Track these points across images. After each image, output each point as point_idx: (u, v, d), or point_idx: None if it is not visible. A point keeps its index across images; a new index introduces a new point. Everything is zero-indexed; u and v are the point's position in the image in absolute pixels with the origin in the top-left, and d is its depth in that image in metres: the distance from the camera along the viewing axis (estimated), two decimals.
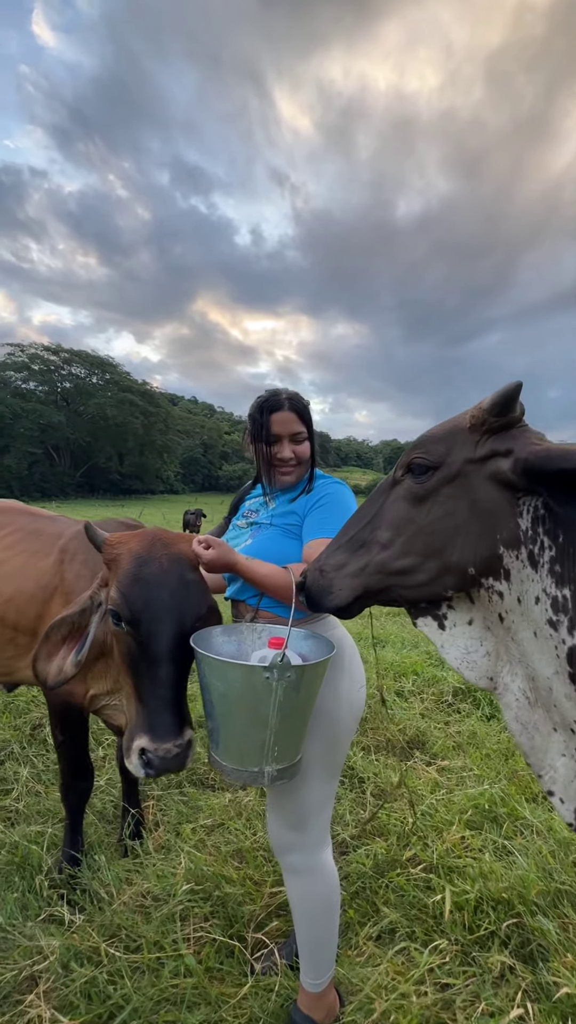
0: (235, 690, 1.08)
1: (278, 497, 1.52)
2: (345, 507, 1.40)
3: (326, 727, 1.31)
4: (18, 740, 2.81)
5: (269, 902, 1.79)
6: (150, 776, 1.20)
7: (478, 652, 0.93)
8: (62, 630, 1.41)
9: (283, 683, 1.04)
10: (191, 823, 2.16)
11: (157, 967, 1.51)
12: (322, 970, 1.39)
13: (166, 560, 1.33)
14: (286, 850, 1.36)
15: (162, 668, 1.25)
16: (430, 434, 0.94)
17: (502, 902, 1.72)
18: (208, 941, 1.61)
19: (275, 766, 1.12)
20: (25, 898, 1.78)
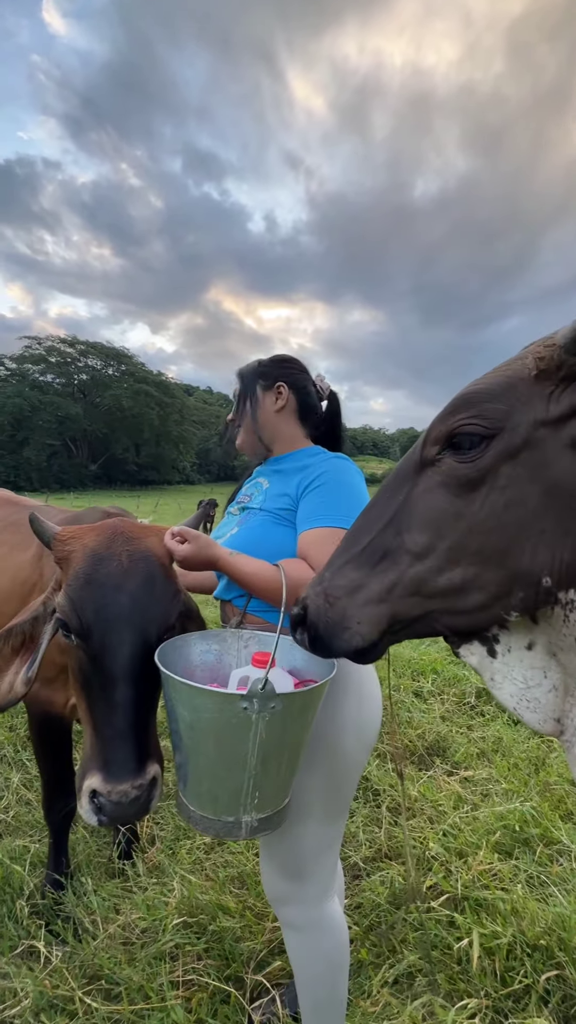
0: (205, 721, 0.85)
1: (261, 473, 1.29)
2: (348, 487, 1.15)
3: (326, 758, 1.08)
4: (11, 743, 2.66)
5: (271, 937, 1.59)
6: (103, 824, 0.97)
7: (542, 687, 0.68)
8: (12, 641, 1.20)
9: (265, 715, 0.81)
10: (189, 839, 1.97)
11: (139, 1020, 1.32)
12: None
13: (127, 558, 1.10)
14: (283, 902, 1.14)
15: (119, 691, 1.01)
16: (477, 389, 0.66)
17: (539, 948, 1.49)
18: (200, 986, 1.42)
19: (255, 815, 0.89)
20: (3, 925, 1.61)
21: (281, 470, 1.24)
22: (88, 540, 1.17)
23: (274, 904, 1.17)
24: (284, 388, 1.27)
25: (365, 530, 0.73)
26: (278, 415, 1.28)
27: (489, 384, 0.66)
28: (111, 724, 1.01)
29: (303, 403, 1.29)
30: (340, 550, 0.74)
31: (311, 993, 1.17)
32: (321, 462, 1.18)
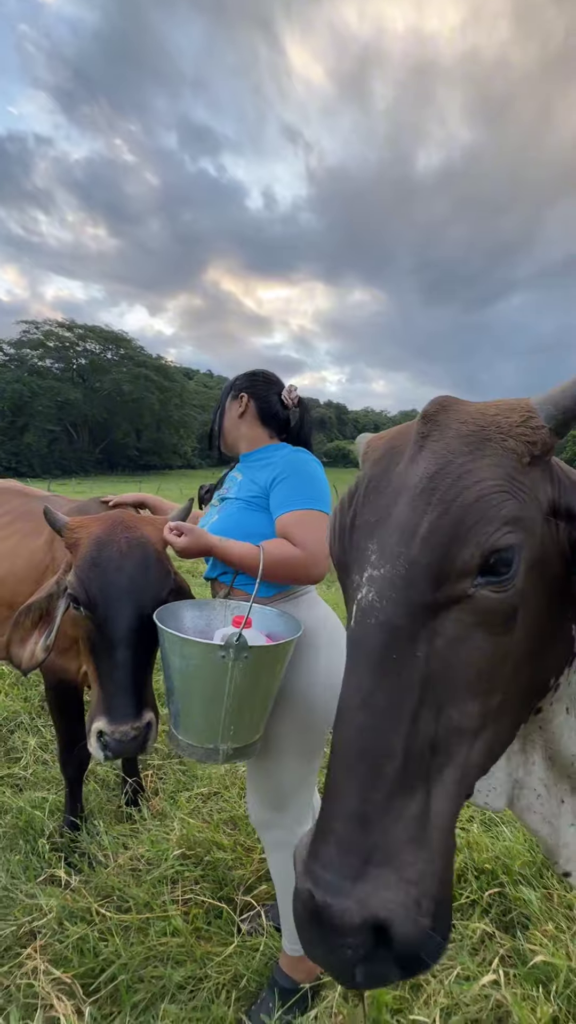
0: (192, 667, 1.07)
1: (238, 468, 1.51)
2: (310, 474, 1.36)
3: (299, 710, 1.30)
4: (27, 711, 2.93)
5: (259, 867, 1.85)
6: (108, 759, 1.22)
7: (499, 774, 0.75)
8: (32, 615, 1.43)
9: (239, 663, 1.03)
10: (188, 791, 2.23)
11: (145, 927, 1.58)
12: None
13: (125, 544, 1.33)
14: (267, 827, 1.39)
15: (119, 651, 1.25)
16: (483, 491, 0.52)
17: (486, 872, 1.75)
18: (197, 903, 1.68)
19: (231, 744, 1.12)
20: (28, 859, 1.87)
21: (250, 464, 1.46)
22: (94, 528, 1.39)
23: (259, 829, 1.42)
24: (245, 396, 1.50)
25: (379, 747, 0.51)
26: (240, 419, 1.51)
27: (494, 482, 0.53)
28: (113, 678, 1.25)
29: (263, 409, 1.50)
30: (360, 808, 0.50)
31: (290, 903, 1.42)
32: (283, 457, 1.39)
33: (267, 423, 1.51)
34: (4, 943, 1.55)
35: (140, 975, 1.45)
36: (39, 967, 1.45)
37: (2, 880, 1.75)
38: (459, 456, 0.54)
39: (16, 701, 3.03)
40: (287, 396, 1.51)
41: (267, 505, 1.36)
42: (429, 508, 0.53)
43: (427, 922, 0.48)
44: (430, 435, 0.58)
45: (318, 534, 1.28)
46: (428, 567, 0.52)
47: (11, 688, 3.20)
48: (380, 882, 0.48)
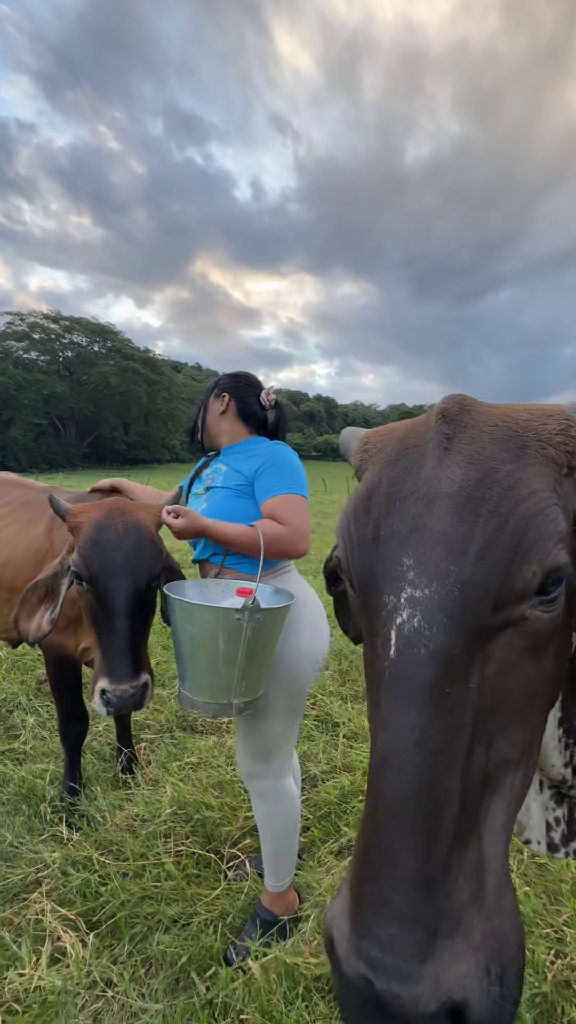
0: (206, 631, 1.23)
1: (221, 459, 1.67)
2: (290, 463, 1.54)
3: (286, 675, 1.48)
4: (25, 693, 3.07)
5: (243, 824, 2.03)
6: (110, 713, 1.40)
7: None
8: (38, 591, 1.59)
9: (252, 624, 1.20)
10: (178, 761, 2.41)
11: (141, 872, 1.76)
12: (282, 874, 1.62)
13: (122, 526, 1.50)
14: (254, 777, 1.56)
15: (118, 621, 1.43)
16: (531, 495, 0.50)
17: None
18: (187, 854, 1.86)
19: (242, 698, 1.29)
20: (31, 821, 2.03)
21: (233, 456, 1.63)
22: (93, 513, 1.56)
23: (246, 779, 1.59)
24: (227, 396, 1.67)
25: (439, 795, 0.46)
26: (222, 416, 1.68)
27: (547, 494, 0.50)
28: (113, 644, 1.42)
29: (242, 409, 1.67)
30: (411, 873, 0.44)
31: (272, 845, 1.60)
32: (265, 449, 1.57)
33: (246, 421, 1.68)
34: (13, 890, 1.72)
35: (137, 912, 1.63)
36: (46, 907, 1.62)
37: (8, 839, 1.91)
38: (503, 463, 0.51)
39: (14, 684, 3.17)
40: (265, 398, 1.67)
41: (251, 492, 1.53)
42: (480, 520, 0.48)
43: (497, 991, 0.42)
44: (456, 437, 0.54)
45: (301, 514, 1.47)
46: (487, 588, 0.47)
47: (8, 672, 3.34)
48: (451, 956, 0.41)
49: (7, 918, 1.60)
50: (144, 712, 2.86)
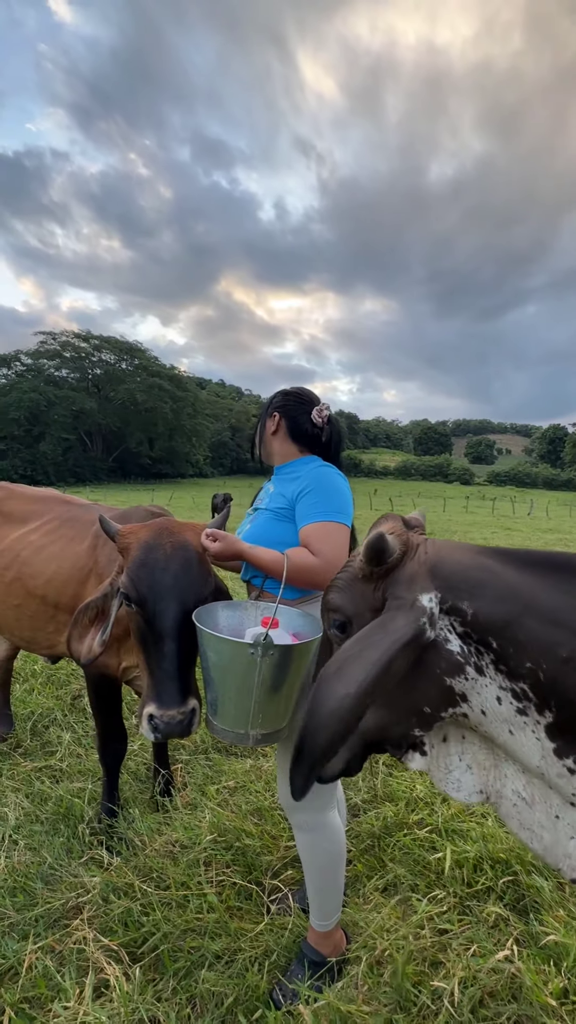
0: (224, 661, 1.22)
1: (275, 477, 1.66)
2: (332, 489, 1.49)
3: None
4: (60, 708, 3.08)
5: (284, 854, 1.97)
6: (157, 739, 1.37)
7: (459, 768, 0.89)
8: (89, 613, 1.59)
9: (266, 660, 1.17)
10: (215, 784, 2.36)
11: (184, 903, 1.71)
12: (329, 913, 1.55)
13: (170, 547, 1.48)
14: (294, 809, 1.51)
15: (166, 644, 1.40)
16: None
17: (500, 861, 1.85)
18: (229, 884, 1.80)
19: (259, 730, 1.26)
20: (70, 843, 2.01)
21: (281, 478, 1.61)
22: (142, 534, 1.55)
23: (288, 811, 1.54)
24: (277, 415, 1.65)
25: None
26: (274, 436, 1.66)
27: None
28: (161, 668, 1.40)
29: (292, 428, 1.64)
30: None
31: (316, 881, 1.54)
32: (309, 471, 1.53)
33: (297, 440, 1.65)
34: (54, 915, 1.69)
35: (180, 945, 1.57)
36: (87, 936, 1.58)
37: (48, 860, 1.89)
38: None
39: (49, 699, 3.19)
40: (317, 415, 1.64)
41: (293, 516, 1.50)
42: None
43: None
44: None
45: (336, 544, 1.41)
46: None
47: (44, 687, 3.36)
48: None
49: (50, 945, 1.57)
50: None
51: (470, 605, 0.80)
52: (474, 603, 0.80)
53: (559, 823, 0.82)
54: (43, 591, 2.16)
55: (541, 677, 0.75)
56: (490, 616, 0.78)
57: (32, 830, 2.06)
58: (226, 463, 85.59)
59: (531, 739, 0.79)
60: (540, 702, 0.76)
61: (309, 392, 1.70)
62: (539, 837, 0.84)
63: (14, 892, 1.76)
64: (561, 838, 0.82)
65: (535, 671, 0.75)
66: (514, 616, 0.77)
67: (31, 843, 1.99)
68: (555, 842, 0.82)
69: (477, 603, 0.79)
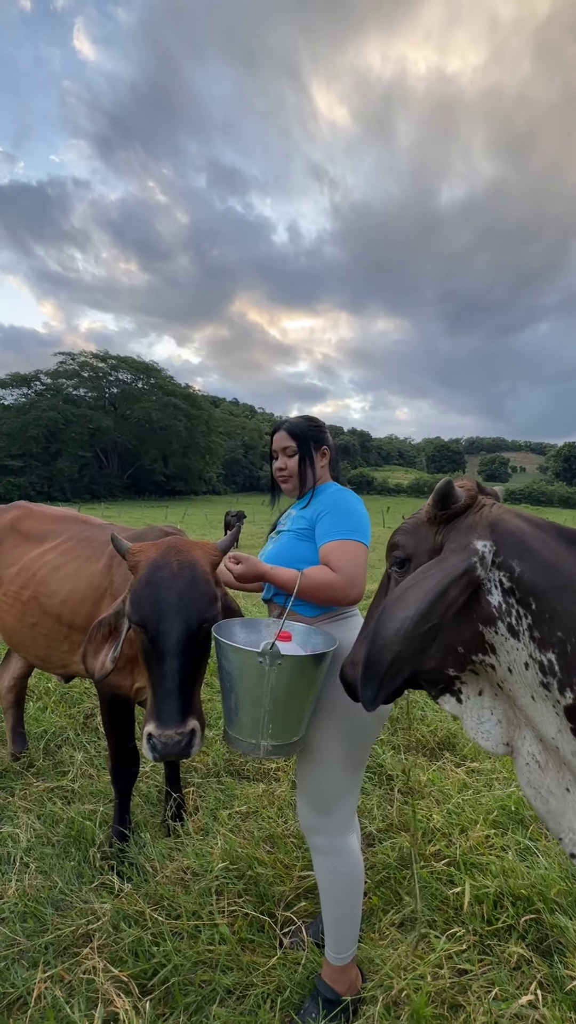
0: (236, 670, 1.25)
1: (296, 505, 1.68)
2: (351, 509, 1.52)
3: (343, 722, 1.43)
4: (73, 728, 3.08)
5: (298, 884, 1.92)
6: (156, 760, 1.34)
7: (490, 720, 0.96)
8: (103, 630, 1.60)
9: (274, 669, 1.19)
10: (227, 809, 2.32)
11: (195, 933, 1.67)
12: (345, 946, 1.51)
13: (177, 566, 1.49)
14: (313, 831, 1.49)
15: (168, 662, 1.39)
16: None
17: (521, 898, 1.78)
18: (241, 915, 1.76)
19: (271, 741, 1.27)
20: (80, 867, 1.99)
21: (303, 503, 1.63)
22: (151, 552, 1.57)
23: (306, 833, 1.52)
24: (327, 449, 1.69)
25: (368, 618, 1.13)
26: (322, 469, 1.69)
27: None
28: (163, 687, 1.39)
29: (333, 457, 1.71)
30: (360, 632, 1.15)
31: (334, 910, 1.50)
32: (329, 495, 1.57)
33: (333, 467, 1.72)
34: (64, 942, 1.66)
35: (191, 978, 1.54)
36: (97, 966, 1.55)
37: (59, 884, 1.87)
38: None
39: (62, 717, 3.19)
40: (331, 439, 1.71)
41: (313, 536, 1.53)
42: None
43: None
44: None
45: (354, 561, 1.43)
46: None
47: (57, 705, 3.36)
48: (357, 650, 1.07)
49: (59, 975, 1.54)
50: None
51: (519, 565, 0.85)
52: (523, 564, 0.85)
53: (568, 796, 0.86)
54: (59, 610, 2.18)
55: (568, 650, 0.79)
56: (534, 580, 0.83)
57: (43, 853, 2.04)
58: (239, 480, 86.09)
59: (551, 712, 0.84)
60: (564, 678, 0.80)
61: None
62: (545, 800, 0.89)
63: (25, 917, 1.74)
64: (567, 810, 0.86)
65: (564, 642, 0.79)
66: (556, 587, 0.82)
67: (42, 866, 1.97)
68: (561, 812, 0.87)
69: (525, 565, 0.85)
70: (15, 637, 2.37)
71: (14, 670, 2.86)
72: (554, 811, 0.88)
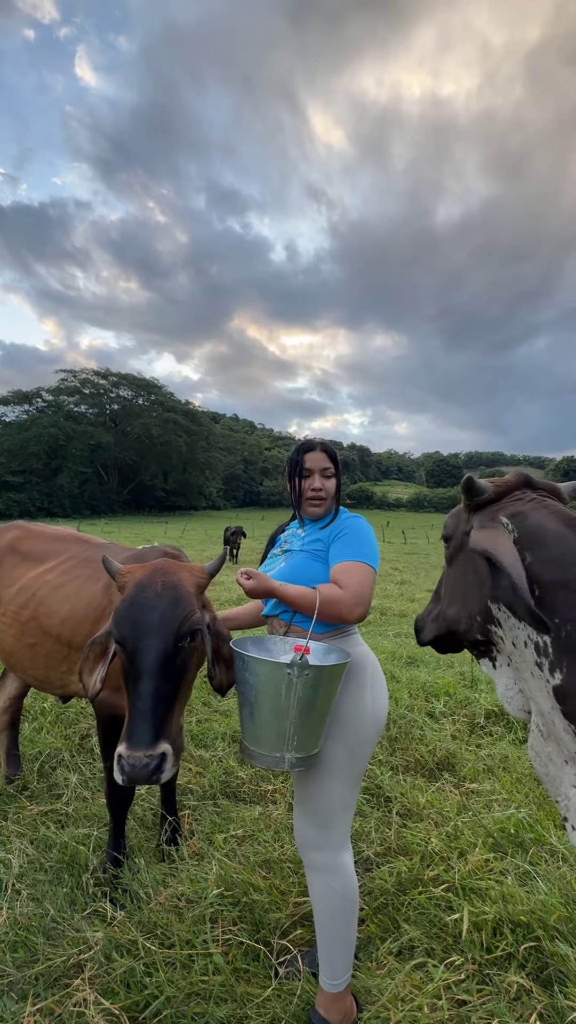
0: (261, 683, 1.27)
1: (309, 526, 1.70)
2: (364, 535, 1.59)
3: (348, 734, 1.47)
4: (68, 749, 3.04)
5: (294, 911, 1.89)
6: (124, 783, 1.29)
7: (513, 688, 1.06)
8: (95, 648, 1.61)
9: (302, 680, 1.23)
10: (223, 833, 2.29)
11: (188, 963, 1.64)
12: (339, 971, 1.48)
13: (161, 586, 1.50)
14: (311, 848, 1.49)
15: (143, 682, 1.38)
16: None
17: (521, 925, 1.75)
18: (236, 943, 1.73)
19: (295, 754, 1.30)
20: (73, 894, 1.96)
21: (316, 526, 1.68)
22: (139, 574, 1.59)
23: (303, 850, 1.51)
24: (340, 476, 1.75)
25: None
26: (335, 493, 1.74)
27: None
28: (136, 707, 1.38)
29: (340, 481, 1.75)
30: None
31: (329, 932, 1.48)
32: (345, 520, 1.64)
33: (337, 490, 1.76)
34: (54, 973, 1.63)
35: (183, 1011, 1.50)
36: (88, 998, 1.52)
37: (50, 912, 1.84)
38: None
39: (58, 738, 3.16)
40: None
41: (326, 557, 1.59)
42: None
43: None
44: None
45: (362, 582, 1.48)
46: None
47: (52, 725, 3.33)
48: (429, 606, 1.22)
49: (49, 1007, 1.51)
50: (187, 776, 2.78)
51: (530, 555, 0.95)
52: (533, 555, 0.95)
53: (567, 768, 0.93)
54: (58, 630, 2.18)
55: (563, 635, 0.88)
56: (540, 571, 0.93)
57: (36, 879, 2.01)
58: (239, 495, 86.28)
59: (543, 690, 0.92)
60: (555, 660, 0.88)
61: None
62: (544, 764, 0.98)
63: (15, 947, 1.71)
64: (565, 779, 0.94)
65: (560, 628, 0.88)
66: (560, 580, 0.91)
67: (34, 893, 1.94)
68: (559, 779, 0.95)
69: (535, 555, 0.95)
70: (14, 657, 2.37)
71: (9, 691, 2.85)
72: (552, 776, 0.97)
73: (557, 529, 0.97)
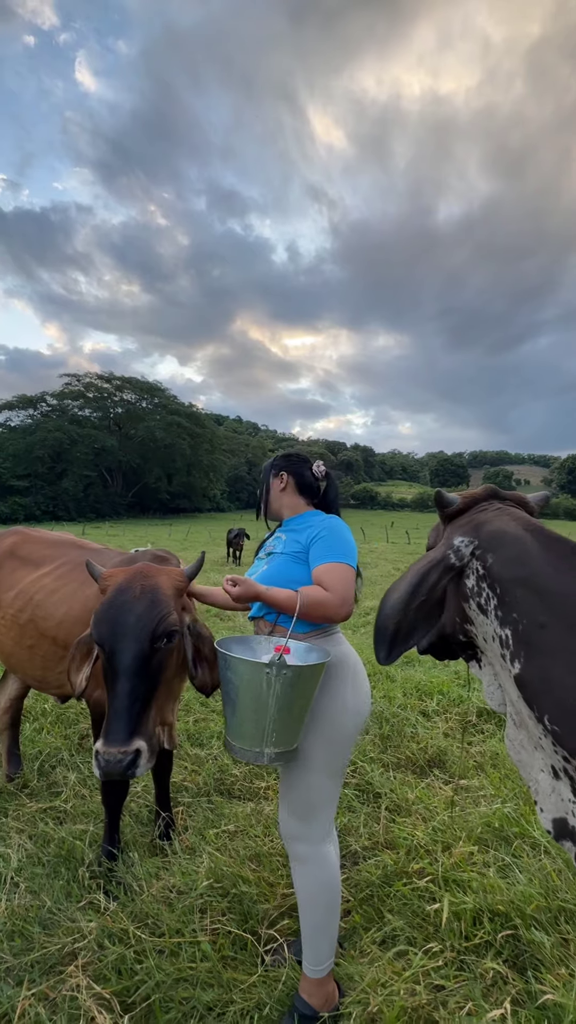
0: (243, 682, 1.34)
1: (282, 530, 1.80)
2: (341, 535, 1.66)
3: (329, 730, 1.53)
4: (68, 748, 3.13)
5: (281, 902, 1.95)
6: (101, 777, 1.38)
7: (494, 684, 1.15)
8: (81, 649, 1.69)
9: (280, 679, 1.30)
10: (215, 828, 2.36)
11: (177, 950, 1.71)
12: (322, 957, 1.55)
13: (139, 589, 1.58)
14: (294, 839, 1.55)
15: (119, 682, 1.47)
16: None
17: (500, 915, 1.81)
18: (224, 932, 1.80)
19: (274, 749, 1.36)
20: (69, 886, 2.03)
21: (293, 528, 1.75)
22: (119, 577, 1.66)
23: (287, 841, 1.58)
24: (285, 474, 1.83)
25: None
26: (283, 492, 1.83)
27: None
28: (112, 705, 1.47)
29: (299, 483, 1.83)
30: None
31: (312, 919, 1.54)
32: (320, 522, 1.70)
33: (303, 493, 1.83)
34: (49, 960, 1.70)
35: (172, 995, 1.57)
36: (81, 983, 1.59)
37: (47, 904, 1.91)
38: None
39: (57, 738, 3.24)
40: (316, 470, 1.84)
41: (307, 559, 1.66)
42: None
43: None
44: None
45: (344, 581, 1.56)
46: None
47: (53, 726, 3.41)
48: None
49: (44, 992, 1.58)
50: (182, 773, 2.85)
51: (492, 557, 1.05)
52: (494, 557, 1.04)
53: (536, 753, 1.01)
54: (54, 633, 2.26)
55: (520, 629, 0.96)
56: (501, 571, 1.02)
57: (33, 872, 2.08)
58: (243, 497, 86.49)
59: (509, 679, 1.00)
60: (514, 651, 0.97)
61: (305, 453, 1.90)
62: (517, 751, 1.06)
63: (12, 936, 1.78)
64: (535, 764, 1.01)
65: (517, 623, 0.97)
66: (518, 578, 0.99)
67: (32, 886, 2.01)
68: (530, 764, 1.02)
69: (496, 558, 1.04)
70: (13, 658, 2.45)
71: (10, 691, 2.93)
72: (524, 762, 1.04)
73: (515, 532, 1.06)
